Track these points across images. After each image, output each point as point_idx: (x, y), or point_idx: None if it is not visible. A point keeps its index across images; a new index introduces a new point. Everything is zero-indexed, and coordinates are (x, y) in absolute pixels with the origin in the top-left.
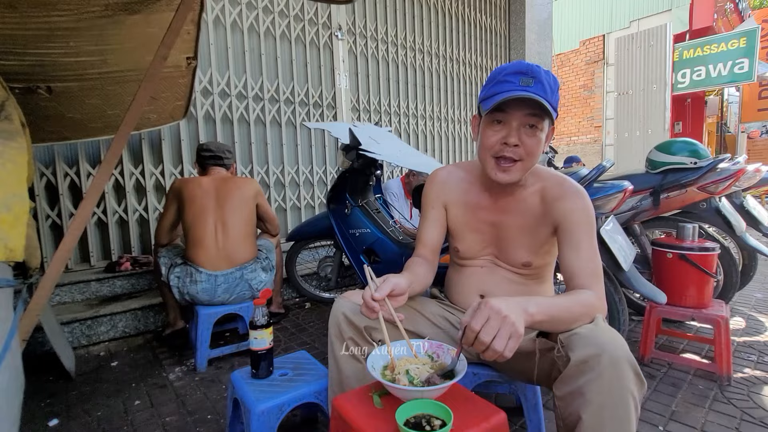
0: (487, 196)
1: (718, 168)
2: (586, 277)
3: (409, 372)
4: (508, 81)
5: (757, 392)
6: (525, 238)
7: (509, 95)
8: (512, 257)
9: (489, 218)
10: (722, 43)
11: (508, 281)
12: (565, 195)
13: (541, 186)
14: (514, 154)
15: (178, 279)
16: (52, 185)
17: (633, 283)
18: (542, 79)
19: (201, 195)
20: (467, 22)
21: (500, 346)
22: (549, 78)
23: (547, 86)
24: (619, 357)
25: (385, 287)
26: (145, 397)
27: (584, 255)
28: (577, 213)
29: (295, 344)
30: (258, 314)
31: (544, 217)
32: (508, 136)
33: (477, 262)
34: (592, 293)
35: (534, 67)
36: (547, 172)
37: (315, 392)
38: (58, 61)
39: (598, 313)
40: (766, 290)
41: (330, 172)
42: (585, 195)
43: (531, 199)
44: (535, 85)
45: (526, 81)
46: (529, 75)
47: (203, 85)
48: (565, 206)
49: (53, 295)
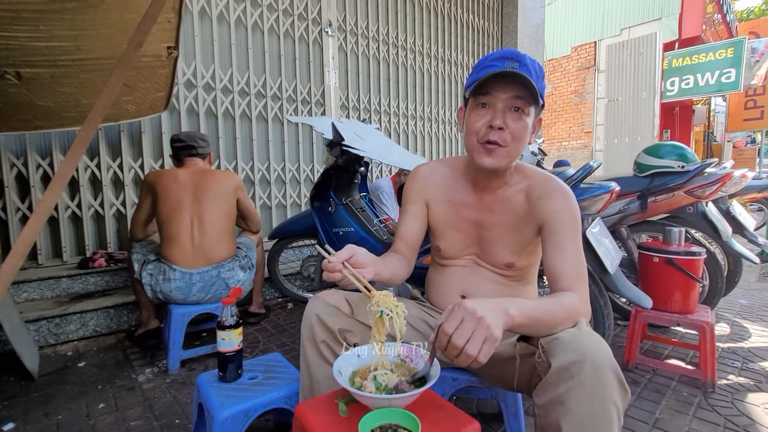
0: (471, 194)
1: (705, 172)
2: (570, 280)
3: (377, 378)
4: (493, 65)
5: (741, 399)
6: (509, 237)
7: (494, 70)
8: (495, 257)
9: (472, 216)
10: (710, 53)
11: (491, 282)
12: (551, 194)
13: (526, 184)
14: (500, 138)
15: (150, 276)
16: (23, 176)
17: (618, 287)
18: (527, 63)
19: (176, 188)
20: (459, 23)
21: (473, 350)
22: (535, 65)
23: (533, 71)
24: (601, 364)
25: (343, 253)
26: (111, 399)
27: (569, 257)
28: (562, 213)
29: (274, 345)
30: (226, 314)
31: (528, 216)
32: (493, 119)
33: (459, 262)
34: (576, 296)
35: (520, 53)
36: (533, 169)
37: (285, 397)
38: (27, 46)
39: (582, 317)
40: (751, 296)
41: (317, 170)
42: (571, 194)
43: (516, 197)
44: (520, 68)
45: (512, 64)
46: (514, 59)
47: (187, 77)
48: (551, 206)
49: (20, 292)
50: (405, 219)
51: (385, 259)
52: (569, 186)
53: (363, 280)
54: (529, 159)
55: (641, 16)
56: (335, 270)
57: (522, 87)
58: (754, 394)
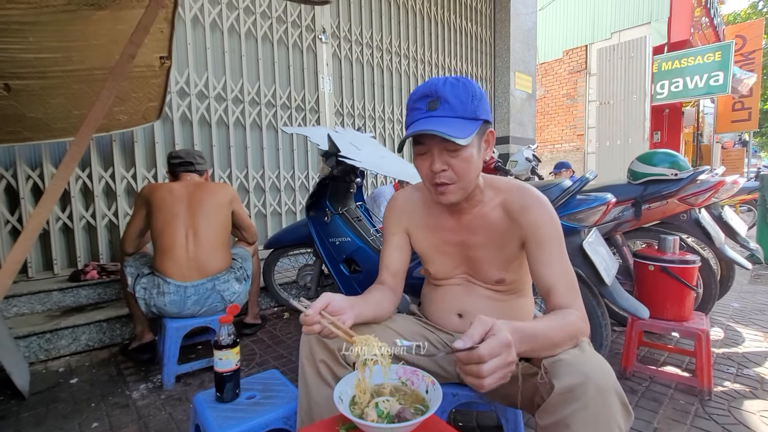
0: (449, 217)
1: (698, 180)
2: (564, 294)
3: (379, 405)
4: (416, 108)
5: (738, 407)
6: (493, 255)
7: (411, 132)
8: (485, 275)
9: (454, 239)
10: (698, 56)
11: (486, 299)
12: (529, 207)
13: (502, 199)
14: (446, 178)
15: (144, 290)
16: (13, 189)
17: (616, 298)
18: (448, 96)
19: (171, 201)
20: (453, 28)
21: (490, 384)
22: (456, 90)
23: (456, 102)
24: (605, 387)
25: (318, 303)
26: (105, 418)
27: (558, 269)
28: (544, 227)
29: (270, 357)
30: (223, 333)
31: (510, 232)
32: (432, 164)
33: (452, 281)
34: (576, 315)
35: (439, 85)
36: (506, 183)
37: (283, 417)
38: (17, 57)
39: (583, 335)
40: (743, 299)
41: (312, 177)
42: (547, 204)
43: (493, 214)
44: (441, 106)
45: (432, 104)
46: (433, 96)
47: (180, 85)
48: (531, 218)
49: (10, 307)
50: (388, 249)
51: (367, 297)
52: (565, 198)
53: (343, 327)
54: (524, 165)
55: (631, 20)
56: (313, 323)
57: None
58: (750, 401)
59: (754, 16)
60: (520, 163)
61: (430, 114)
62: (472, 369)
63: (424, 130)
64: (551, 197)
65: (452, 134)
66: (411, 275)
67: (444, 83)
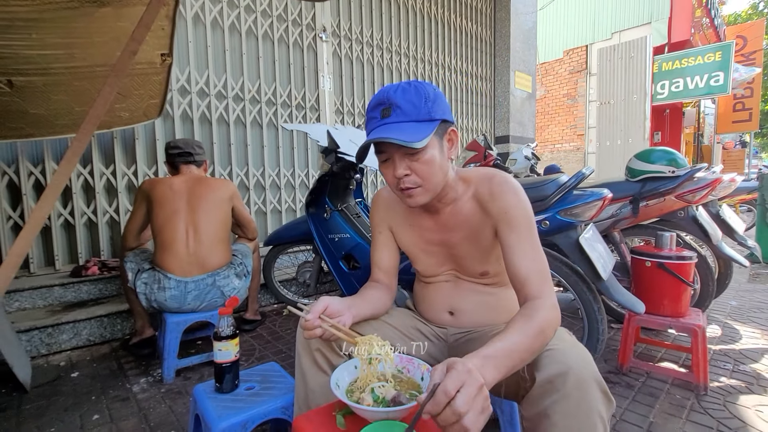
0: (427, 217)
1: (695, 177)
2: (536, 283)
3: (375, 390)
4: (373, 117)
5: (733, 402)
6: (473, 249)
7: (365, 141)
8: (469, 270)
9: (435, 238)
10: (699, 56)
11: (475, 293)
12: (497, 193)
13: (473, 191)
14: (410, 183)
15: (145, 285)
16: (15, 185)
17: (612, 293)
18: (399, 102)
19: (172, 197)
20: (453, 28)
21: (471, 422)
22: (407, 94)
23: (408, 106)
24: (585, 376)
25: (317, 306)
26: (105, 411)
27: (529, 255)
28: (511, 210)
29: (270, 353)
30: (223, 324)
31: (483, 221)
32: (395, 170)
33: (440, 278)
34: (545, 306)
35: (390, 92)
36: (475, 173)
37: (282, 407)
38: (20, 54)
39: (555, 326)
40: (741, 298)
41: (312, 175)
42: (518, 188)
43: (467, 207)
44: (393, 113)
45: (385, 112)
46: (386, 104)
47: (181, 83)
48: (500, 204)
49: (12, 301)
50: (377, 247)
51: (363, 295)
52: (562, 193)
53: (343, 329)
54: (523, 163)
55: (632, 20)
56: (313, 327)
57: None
58: (746, 396)
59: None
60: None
61: (384, 122)
62: (448, 414)
63: (377, 138)
64: (547, 193)
65: (405, 139)
66: (409, 271)
67: (396, 90)
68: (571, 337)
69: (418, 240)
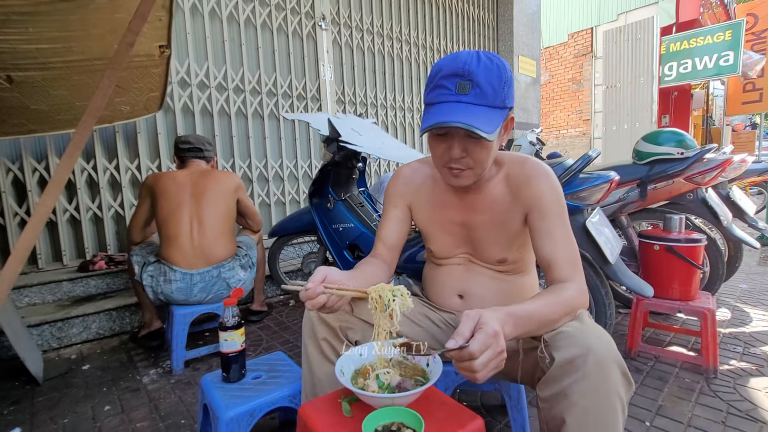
0: (453, 194)
1: (704, 158)
2: (565, 268)
3: (380, 377)
4: (443, 86)
5: (743, 384)
6: (497, 234)
7: (438, 122)
8: (487, 255)
9: (457, 218)
10: (708, 36)
11: (488, 278)
12: (531, 178)
13: (505, 172)
14: (462, 164)
15: (151, 278)
16: (20, 181)
17: (619, 277)
18: (481, 80)
19: (176, 190)
20: (454, 12)
21: (485, 376)
22: (490, 74)
23: (488, 87)
24: (606, 357)
25: (316, 276)
26: (116, 401)
27: (560, 242)
28: (545, 196)
29: (277, 343)
30: (228, 315)
31: (512, 207)
32: (451, 149)
33: (453, 261)
34: (574, 288)
35: (472, 64)
36: (509, 156)
37: (289, 396)
38: (18, 48)
39: (581, 308)
40: (752, 281)
41: (315, 166)
42: (551, 174)
43: (497, 190)
44: (473, 90)
45: (462, 87)
46: (465, 77)
47: (180, 75)
48: (533, 191)
49: (22, 297)
50: (386, 222)
51: (362, 268)
52: (568, 177)
53: (349, 288)
54: (528, 149)
55: (638, 0)
56: (317, 294)
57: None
58: (756, 378)
59: None
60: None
61: (460, 98)
62: (465, 365)
63: (452, 123)
64: None
65: (482, 129)
66: (414, 259)
67: (478, 63)
68: (590, 319)
69: (440, 218)
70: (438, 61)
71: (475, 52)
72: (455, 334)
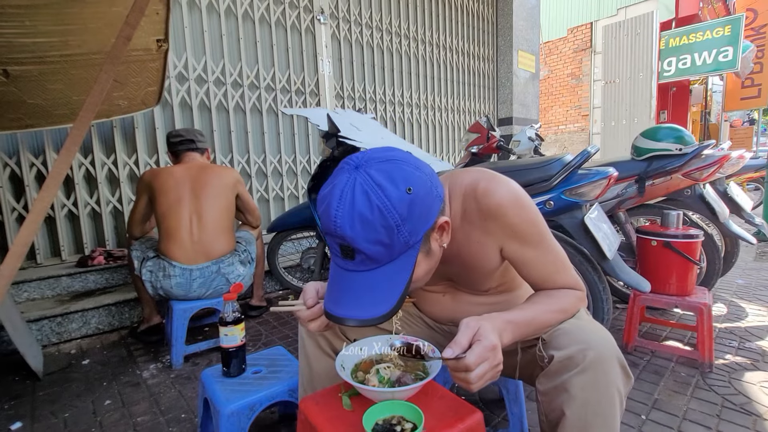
0: None
1: (702, 154)
2: (558, 282)
3: (380, 371)
4: (331, 244)
5: (738, 378)
6: (475, 274)
7: (329, 313)
8: (470, 286)
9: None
10: (707, 31)
11: (477, 305)
12: (491, 210)
13: (459, 214)
14: None
15: (150, 273)
16: (17, 176)
17: (617, 272)
18: (361, 246)
19: (174, 185)
20: (454, 7)
21: (479, 386)
22: (370, 232)
23: (374, 250)
24: (605, 352)
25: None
26: (117, 396)
27: (549, 263)
28: (518, 226)
29: (276, 338)
30: (228, 310)
31: (483, 246)
32: None
33: (437, 288)
34: (573, 294)
35: (344, 228)
36: (453, 191)
37: (289, 390)
38: (14, 42)
39: (580, 308)
40: (748, 276)
41: (313, 161)
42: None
43: (459, 237)
44: (357, 257)
45: (346, 251)
46: (345, 241)
47: (178, 70)
48: (501, 223)
49: (21, 292)
50: None
51: None
52: (566, 173)
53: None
54: (527, 145)
55: None
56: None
57: None
58: (751, 372)
59: None
60: (522, 142)
61: (347, 266)
62: (461, 376)
63: (342, 319)
64: (552, 172)
65: (371, 315)
66: None
67: (352, 224)
68: (588, 315)
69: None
70: (321, 206)
71: (349, 200)
72: (453, 343)
